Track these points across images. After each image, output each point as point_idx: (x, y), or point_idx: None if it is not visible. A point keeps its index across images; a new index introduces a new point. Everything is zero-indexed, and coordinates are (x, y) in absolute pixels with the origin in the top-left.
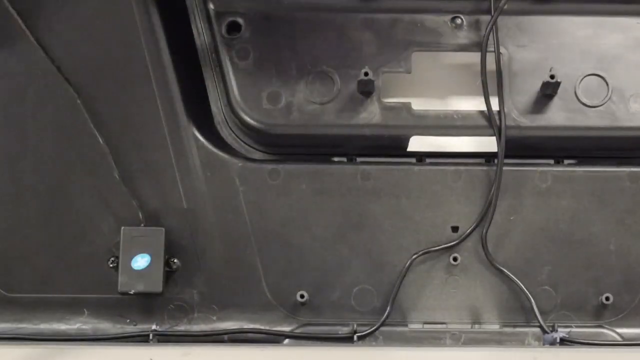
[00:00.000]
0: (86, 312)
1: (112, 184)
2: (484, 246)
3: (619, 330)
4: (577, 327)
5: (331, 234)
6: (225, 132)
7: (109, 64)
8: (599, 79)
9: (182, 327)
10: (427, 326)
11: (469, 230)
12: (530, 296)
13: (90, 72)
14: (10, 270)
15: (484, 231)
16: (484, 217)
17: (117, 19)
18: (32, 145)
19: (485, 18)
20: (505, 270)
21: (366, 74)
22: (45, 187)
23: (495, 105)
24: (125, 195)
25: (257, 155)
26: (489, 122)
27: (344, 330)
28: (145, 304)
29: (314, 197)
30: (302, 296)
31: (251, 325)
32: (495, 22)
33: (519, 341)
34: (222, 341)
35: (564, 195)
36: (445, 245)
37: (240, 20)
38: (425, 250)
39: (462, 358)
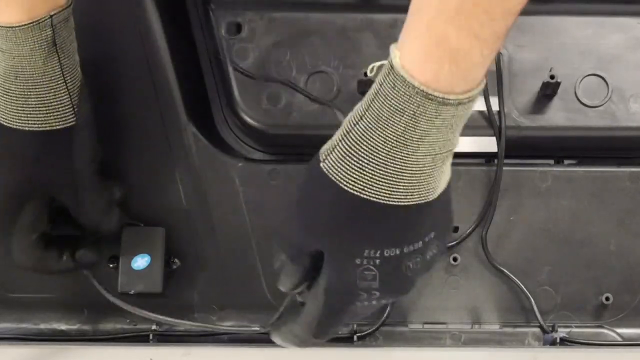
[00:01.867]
0: (86, 312)
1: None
2: (484, 246)
3: (619, 330)
4: (577, 327)
5: None
6: (225, 132)
7: (108, 64)
8: (599, 79)
9: (182, 327)
10: (427, 326)
11: (468, 231)
12: (530, 296)
13: (89, 72)
14: (11, 271)
15: (484, 231)
16: (484, 218)
17: (116, 19)
18: None
19: None
20: (506, 271)
21: (366, 74)
22: None
23: (495, 105)
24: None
25: (257, 155)
26: (489, 122)
27: (343, 331)
28: (145, 304)
29: None
30: None
31: (251, 325)
32: None
33: (519, 341)
34: (222, 341)
35: (564, 195)
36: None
37: (240, 21)
38: None
39: (463, 358)
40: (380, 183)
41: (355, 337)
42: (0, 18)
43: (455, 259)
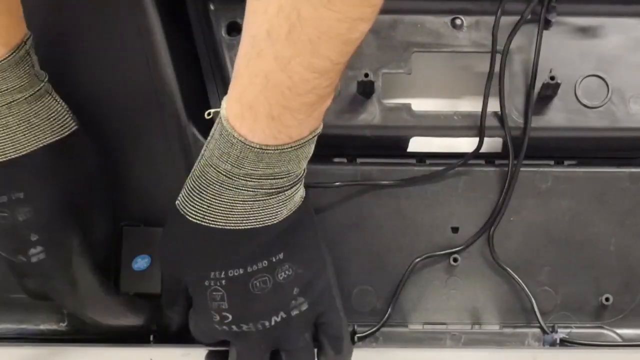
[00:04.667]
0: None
1: (111, 184)
2: (491, 246)
3: (619, 331)
4: (577, 327)
5: (331, 234)
6: None
7: (108, 64)
8: (599, 79)
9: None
10: (427, 327)
11: (475, 234)
12: (531, 297)
13: (88, 73)
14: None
15: (492, 230)
16: (490, 218)
17: (115, 19)
18: None
19: (486, 19)
20: (510, 270)
21: (366, 75)
22: None
23: (496, 106)
24: (125, 195)
25: None
26: (496, 123)
27: None
28: (145, 305)
29: (313, 198)
30: None
31: None
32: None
33: (519, 342)
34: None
35: (564, 196)
36: (449, 250)
37: (240, 21)
38: (428, 255)
39: (462, 358)
40: (217, 211)
41: (355, 338)
42: None
43: (455, 260)
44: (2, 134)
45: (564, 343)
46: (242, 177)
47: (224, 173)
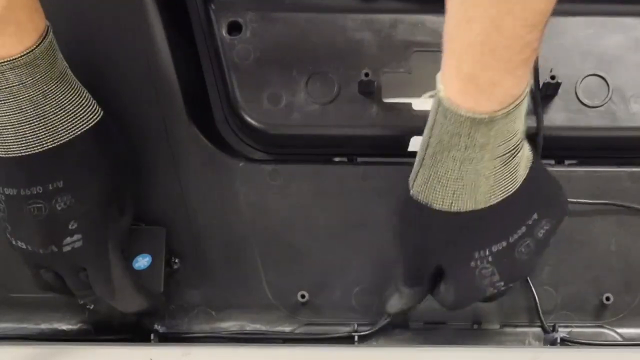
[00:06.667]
0: (87, 312)
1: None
2: None
3: (619, 330)
4: (577, 327)
5: (332, 234)
6: (225, 132)
7: (107, 65)
8: (600, 79)
9: (182, 327)
10: (427, 326)
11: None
12: (535, 295)
13: (88, 73)
14: (11, 271)
15: None
16: None
17: (115, 19)
18: None
19: None
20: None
21: (367, 74)
22: None
23: None
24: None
25: (258, 155)
26: None
27: (344, 331)
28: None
29: (314, 197)
30: (302, 296)
31: (252, 325)
32: None
33: (520, 341)
34: (222, 341)
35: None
36: None
37: (240, 21)
38: None
39: (463, 358)
40: (463, 195)
41: (355, 337)
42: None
43: None
44: (39, 124)
45: (565, 342)
46: (478, 152)
47: (460, 154)
